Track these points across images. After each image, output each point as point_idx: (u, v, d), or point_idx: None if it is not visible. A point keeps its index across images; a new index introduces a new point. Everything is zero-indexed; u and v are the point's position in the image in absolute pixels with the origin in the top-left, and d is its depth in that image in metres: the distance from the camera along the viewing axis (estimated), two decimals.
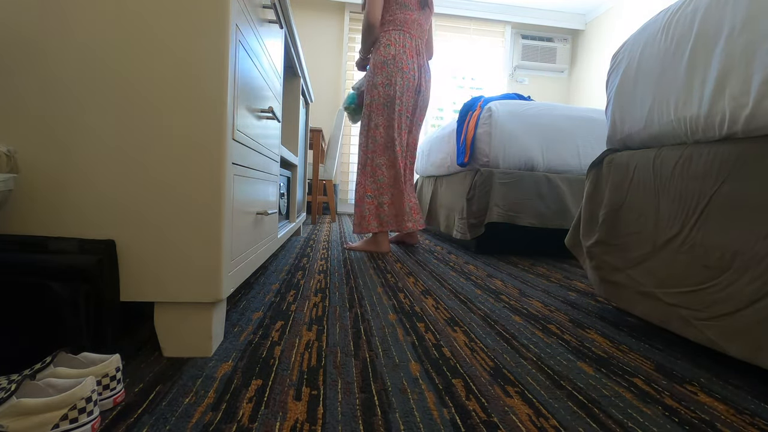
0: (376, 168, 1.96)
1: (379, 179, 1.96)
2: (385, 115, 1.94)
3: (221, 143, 0.70)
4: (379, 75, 1.92)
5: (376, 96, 1.94)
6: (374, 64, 1.94)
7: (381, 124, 1.95)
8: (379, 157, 1.96)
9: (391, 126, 1.95)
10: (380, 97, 1.93)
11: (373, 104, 1.94)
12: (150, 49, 0.68)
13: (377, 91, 1.93)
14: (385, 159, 1.97)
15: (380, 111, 1.94)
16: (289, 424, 0.55)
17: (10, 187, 0.65)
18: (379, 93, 1.93)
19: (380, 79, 1.92)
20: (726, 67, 0.78)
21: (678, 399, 0.67)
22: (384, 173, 1.97)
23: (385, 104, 1.93)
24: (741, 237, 0.75)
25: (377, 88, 1.93)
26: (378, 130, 1.95)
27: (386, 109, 1.94)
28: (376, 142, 1.96)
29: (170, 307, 0.72)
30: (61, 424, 0.47)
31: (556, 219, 2.05)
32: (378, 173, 1.96)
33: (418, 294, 1.24)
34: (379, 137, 1.96)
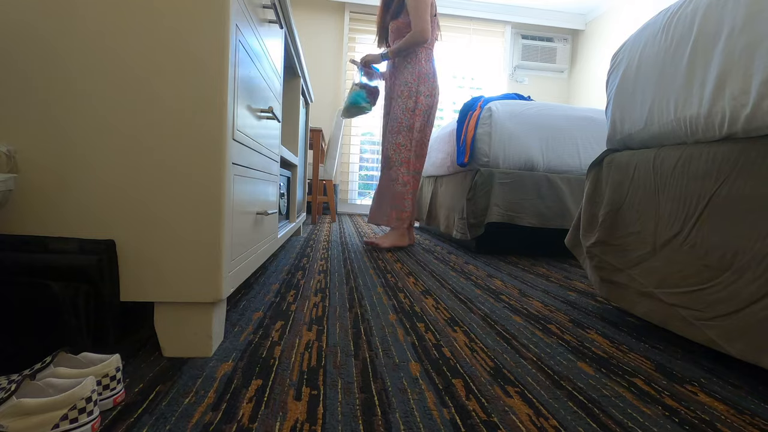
0: (418, 167, 2.16)
1: (417, 178, 2.18)
2: (424, 121, 2.15)
3: (221, 143, 0.70)
4: (423, 85, 2.13)
5: (420, 103, 2.13)
6: (418, 74, 2.12)
7: (420, 129, 2.14)
8: (418, 158, 2.17)
9: (426, 132, 2.18)
10: (423, 105, 2.13)
11: (417, 110, 2.12)
12: (149, 49, 0.68)
13: (421, 99, 2.13)
14: (421, 161, 2.19)
15: (421, 117, 2.14)
16: (289, 424, 0.55)
17: (10, 187, 0.65)
18: (422, 101, 2.13)
19: (424, 89, 2.13)
20: (726, 67, 0.78)
21: (678, 399, 0.67)
22: (420, 172, 2.20)
23: (425, 112, 2.14)
24: (741, 237, 0.75)
25: (421, 95, 2.13)
26: (421, 133, 2.15)
27: (426, 116, 2.15)
28: (417, 144, 2.15)
29: (170, 307, 0.72)
30: (61, 424, 0.47)
31: (556, 219, 2.05)
32: (418, 172, 2.18)
33: (418, 294, 1.24)
34: (419, 139, 2.16)
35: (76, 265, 0.64)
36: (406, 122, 2.12)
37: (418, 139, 2.15)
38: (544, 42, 4.69)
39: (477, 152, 2.15)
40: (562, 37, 4.73)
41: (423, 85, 2.13)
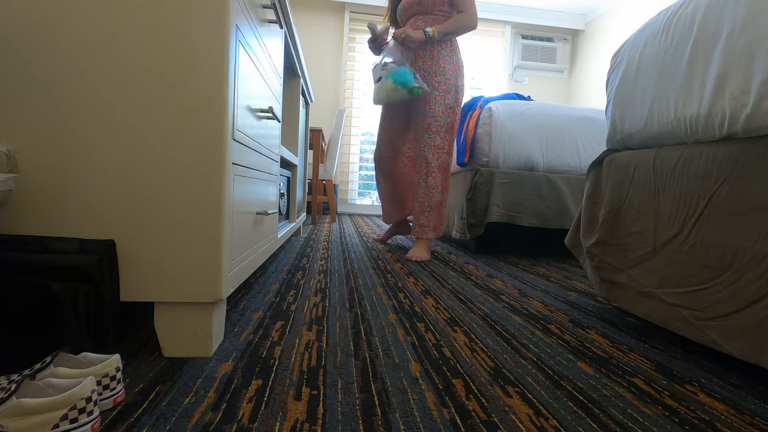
0: (449, 171, 1.92)
1: (449, 183, 1.94)
2: (458, 120, 1.89)
3: (221, 143, 0.70)
4: (460, 78, 1.84)
5: (458, 100, 1.83)
6: (456, 65, 1.82)
7: (456, 129, 1.89)
8: (452, 160, 1.93)
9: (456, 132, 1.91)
10: (461, 101, 1.86)
11: (456, 107, 1.82)
12: (149, 49, 0.68)
13: (460, 96, 1.84)
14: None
15: (458, 116, 1.86)
16: (289, 424, 0.55)
17: (10, 187, 0.65)
18: (460, 98, 1.85)
19: (462, 83, 1.85)
20: (726, 67, 0.78)
21: (678, 399, 0.67)
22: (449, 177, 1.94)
23: (460, 110, 1.88)
24: (741, 237, 0.75)
25: (460, 91, 1.84)
26: (455, 132, 1.88)
27: (459, 113, 1.89)
28: (452, 145, 1.89)
29: (170, 307, 0.72)
30: (61, 424, 0.47)
31: (556, 219, 2.05)
32: (449, 177, 1.91)
33: (418, 294, 1.24)
34: (453, 141, 1.89)
35: (76, 265, 0.64)
36: (444, 121, 1.80)
37: (452, 141, 1.86)
38: (544, 42, 4.69)
39: (477, 152, 2.15)
40: (562, 37, 4.73)
41: (461, 78, 1.82)
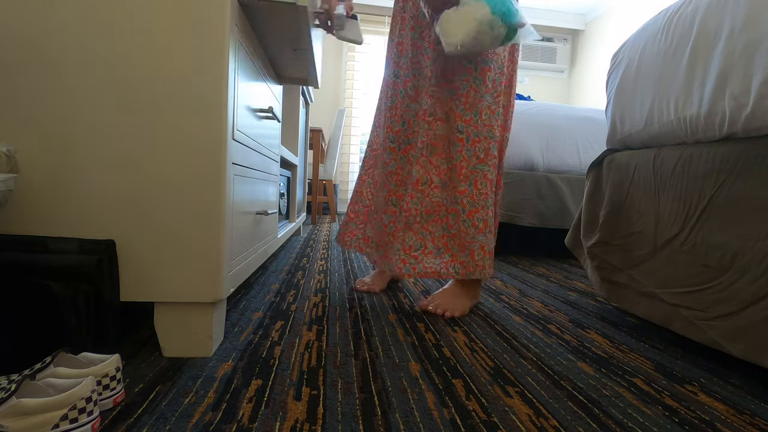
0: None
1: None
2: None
3: (221, 143, 0.70)
4: (515, 52, 1.21)
5: (513, 82, 1.22)
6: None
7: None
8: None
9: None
10: (514, 84, 1.24)
11: (512, 91, 1.21)
12: (149, 48, 0.68)
13: (514, 78, 1.23)
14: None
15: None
16: (289, 424, 0.55)
17: (10, 187, 0.65)
18: (514, 81, 1.22)
19: (515, 60, 1.21)
20: (726, 67, 0.78)
21: (678, 399, 0.67)
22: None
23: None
24: (742, 237, 0.75)
25: (513, 71, 1.22)
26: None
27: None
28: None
29: (170, 307, 0.72)
30: (61, 424, 0.47)
31: (556, 219, 2.05)
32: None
33: (417, 294, 1.24)
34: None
35: (76, 265, 0.64)
36: (502, 106, 1.17)
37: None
38: (544, 42, 4.69)
39: None
40: (562, 37, 4.73)
41: (515, 52, 1.19)
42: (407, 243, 1.13)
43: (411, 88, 1.19)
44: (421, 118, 1.15)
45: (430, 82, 1.14)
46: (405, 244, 1.13)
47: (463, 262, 1.10)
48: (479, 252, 1.09)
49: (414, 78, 1.18)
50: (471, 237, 1.09)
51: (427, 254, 1.12)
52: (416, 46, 1.18)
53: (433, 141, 1.14)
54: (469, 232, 1.10)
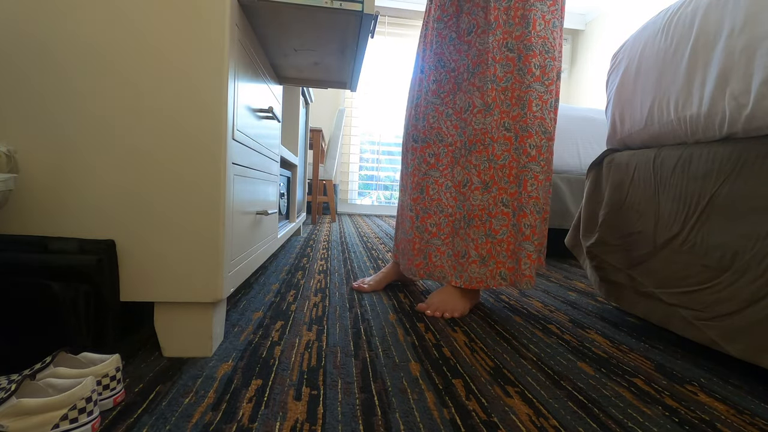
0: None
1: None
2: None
3: (221, 143, 0.70)
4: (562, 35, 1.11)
5: (559, 69, 1.09)
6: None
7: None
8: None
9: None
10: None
11: (557, 81, 1.08)
12: (149, 48, 0.68)
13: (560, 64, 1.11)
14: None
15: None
16: (289, 424, 0.55)
17: (10, 187, 0.65)
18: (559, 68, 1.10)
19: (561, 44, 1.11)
20: (726, 67, 0.78)
21: (678, 399, 0.67)
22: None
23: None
24: (741, 237, 0.75)
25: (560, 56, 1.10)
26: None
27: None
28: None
29: (170, 307, 0.72)
30: (61, 424, 0.47)
31: (556, 219, 2.05)
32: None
33: (417, 294, 1.24)
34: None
35: (76, 265, 0.64)
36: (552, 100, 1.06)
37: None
38: None
39: None
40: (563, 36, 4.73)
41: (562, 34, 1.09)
42: (456, 249, 1.09)
43: (433, 82, 1.12)
44: (457, 116, 1.09)
45: (462, 76, 1.07)
46: (454, 249, 1.09)
47: (511, 269, 1.05)
48: (526, 261, 1.03)
49: (437, 71, 1.11)
50: (518, 244, 1.04)
51: (471, 263, 1.07)
52: (441, 37, 1.10)
53: (472, 138, 1.06)
54: (517, 238, 1.04)
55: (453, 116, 1.10)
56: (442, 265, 1.10)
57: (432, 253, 1.11)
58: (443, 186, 1.11)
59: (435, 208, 1.11)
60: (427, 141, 1.12)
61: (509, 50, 1.03)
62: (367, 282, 1.27)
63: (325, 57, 1.14)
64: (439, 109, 1.11)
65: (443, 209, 1.10)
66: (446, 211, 1.10)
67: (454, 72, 1.09)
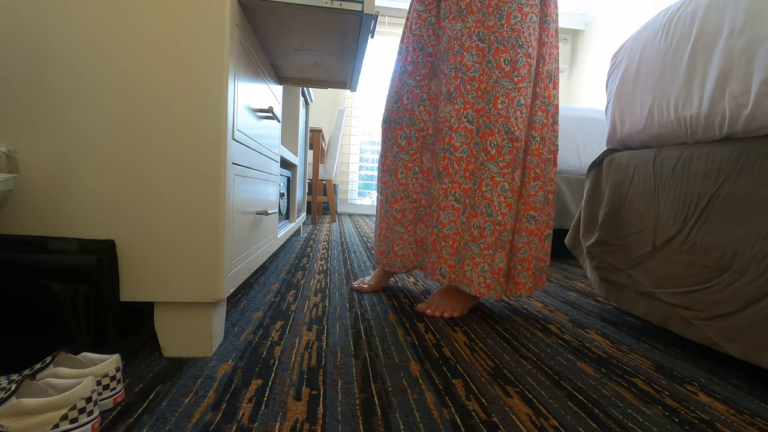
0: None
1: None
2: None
3: (221, 143, 0.70)
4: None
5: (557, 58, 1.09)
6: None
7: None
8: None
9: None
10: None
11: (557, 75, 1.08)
12: (149, 48, 0.68)
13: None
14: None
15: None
16: (289, 424, 0.55)
17: (10, 187, 0.65)
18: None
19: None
20: (726, 67, 0.78)
21: (678, 399, 0.67)
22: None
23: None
24: (741, 237, 0.75)
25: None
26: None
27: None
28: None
29: (170, 307, 0.72)
30: (61, 424, 0.47)
31: (556, 219, 2.05)
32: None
33: (417, 294, 1.24)
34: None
35: (76, 265, 0.64)
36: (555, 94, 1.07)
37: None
38: None
39: None
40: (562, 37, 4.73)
41: (546, 32, 1.04)
42: (419, 235, 1.12)
43: (410, 63, 1.10)
44: (432, 102, 1.08)
45: (438, 62, 1.05)
46: (417, 236, 1.12)
47: (452, 267, 1.02)
48: (469, 263, 0.99)
49: (414, 53, 1.09)
50: (464, 243, 1.00)
51: (425, 250, 1.09)
52: (421, 20, 1.08)
53: (438, 125, 1.03)
54: (464, 236, 1.00)
55: (427, 101, 1.08)
56: (403, 254, 1.10)
57: (395, 242, 1.11)
58: (411, 171, 1.09)
59: (401, 193, 1.10)
60: (400, 123, 1.10)
61: (480, 40, 0.99)
62: (366, 282, 1.27)
63: (325, 57, 1.14)
64: (414, 92, 1.09)
65: (409, 195, 1.09)
66: (411, 197, 1.09)
67: (431, 57, 1.07)
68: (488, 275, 0.99)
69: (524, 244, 1.03)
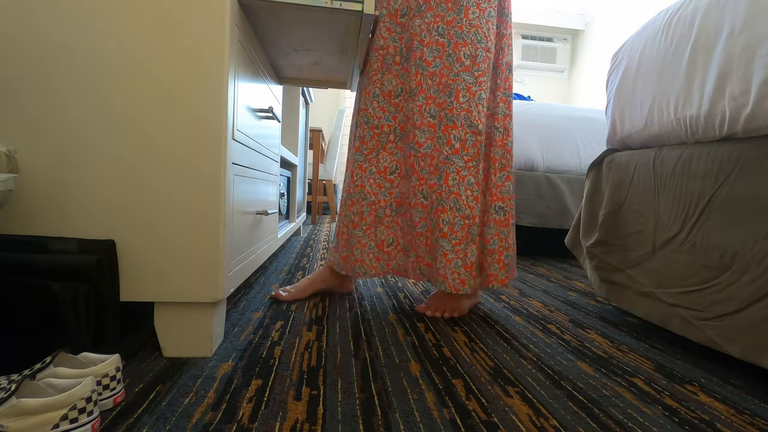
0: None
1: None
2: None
3: (221, 143, 0.70)
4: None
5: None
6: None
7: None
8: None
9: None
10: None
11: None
12: (149, 48, 0.68)
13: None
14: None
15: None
16: (289, 424, 0.55)
17: (10, 187, 0.65)
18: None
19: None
20: (726, 67, 0.78)
21: (678, 399, 0.67)
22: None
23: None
24: (741, 237, 0.75)
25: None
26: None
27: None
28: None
29: (170, 307, 0.72)
30: (61, 424, 0.47)
31: (556, 219, 2.05)
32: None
33: (417, 294, 1.24)
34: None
35: (76, 265, 0.64)
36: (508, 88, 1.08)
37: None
38: (544, 42, 4.69)
39: None
40: (562, 37, 4.73)
41: (504, 24, 1.07)
42: (379, 238, 1.06)
43: (374, 60, 1.06)
44: (385, 98, 1.04)
45: (393, 59, 1.03)
46: (377, 239, 1.06)
47: (429, 264, 1.01)
48: (441, 260, 0.98)
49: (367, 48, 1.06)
50: (435, 239, 1.00)
51: (398, 252, 1.06)
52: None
53: (403, 124, 1.02)
54: (434, 233, 1.00)
55: (380, 97, 1.04)
56: (362, 259, 1.06)
57: (354, 246, 1.07)
58: (367, 171, 1.06)
59: (358, 195, 1.06)
60: (357, 122, 1.08)
61: (439, 35, 0.99)
62: (287, 289, 1.13)
63: (325, 57, 1.14)
64: (367, 89, 1.06)
65: (366, 197, 1.05)
66: (369, 199, 1.05)
67: (383, 50, 1.04)
68: (462, 270, 0.99)
69: (494, 236, 1.03)
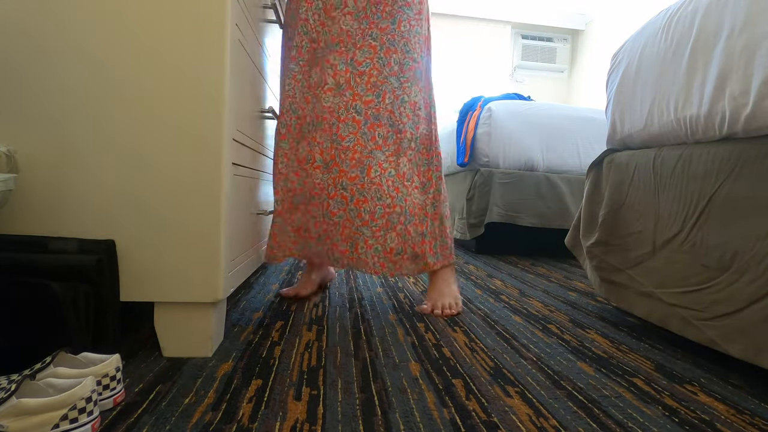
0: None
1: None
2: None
3: (221, 143, 0.70)
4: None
5: (429, 31, 1.15)
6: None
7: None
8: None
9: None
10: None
11: (429, 46, 1.15)
12: (149, 48, 0.68)
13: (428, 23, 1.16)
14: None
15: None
16: (289, 424, 0.55)
17: (10, 187, 0.65)
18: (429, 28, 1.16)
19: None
20: (726, 67, 0.78)
21: (678, 399, 0.67)
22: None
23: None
24: (741, 237, 0.75)
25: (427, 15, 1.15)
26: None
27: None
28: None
29: (170, 307, 0.72)
30: (61, 424, 0.47)
31: (556, 219, 2.05)
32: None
33: (417, 294, 1.24)
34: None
35: (76, 265, 0.64)
36: (425, 67, 1.12)
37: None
38: (544, 42, 4.69)
39: (477, 152, 2.15)
40: (562, 37, 4.73)
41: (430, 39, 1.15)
42: (296, 224, 1.08)
43: (295, 47, 1.06)
44: (309, 89, 1.05)
45: (322, 51, 1.03)
46: (294, 224, 1.07)
47: (344, 252, 1.04)
48: (363, 246, 1.02)
49: (299, 36, 1.05)
50: (356, 228, 1.02)
51: (311, 239, 1.07)
52: (308, 3, 1.04)
53: (320, 115, 1.03)
54: (354, 222, 1.02)
55: (306, 88, 1.06)
56: (281, 241, 1.08)
57: (276, 234, 1.08)
58: (290, 160, 1.07)
59: (281, 184, 1.07)
60: (282, 110, 1.08)
61: (373, 39, 1.03)
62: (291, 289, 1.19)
63: None
64: (297, 77, 1.06)
65: (287, 184, 1.07)
66: (288, 186, 1.07)
67: (315, 43, 1.04)
68: (381, 255, 1.03)
69: (426, 228, 1.09)
